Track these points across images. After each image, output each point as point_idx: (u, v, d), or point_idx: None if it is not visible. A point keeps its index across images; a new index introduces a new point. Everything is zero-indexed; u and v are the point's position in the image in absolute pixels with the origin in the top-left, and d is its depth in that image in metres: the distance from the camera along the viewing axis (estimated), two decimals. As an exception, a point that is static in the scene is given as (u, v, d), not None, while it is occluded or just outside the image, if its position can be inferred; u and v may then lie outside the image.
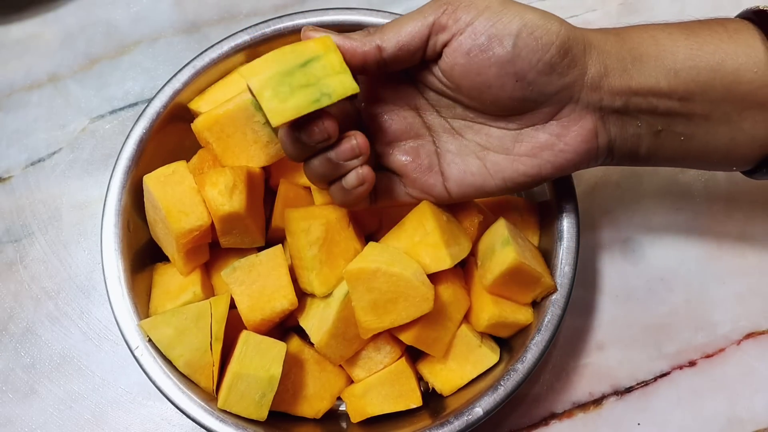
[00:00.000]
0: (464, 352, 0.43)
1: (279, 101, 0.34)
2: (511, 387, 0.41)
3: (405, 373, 0.43)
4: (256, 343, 0.40)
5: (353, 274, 0.39)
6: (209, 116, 0.43)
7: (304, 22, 0.48)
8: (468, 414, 0.41)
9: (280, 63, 0.34)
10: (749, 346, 0.50)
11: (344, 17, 0.48)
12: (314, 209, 0.42)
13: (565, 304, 0.43)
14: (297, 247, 0.41)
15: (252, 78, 0.34)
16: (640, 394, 0.49)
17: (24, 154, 0.54)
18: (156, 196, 0.42)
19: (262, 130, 0.43)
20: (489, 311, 0.42)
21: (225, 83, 0.48)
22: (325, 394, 0.44)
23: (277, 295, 0.41)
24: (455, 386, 0.43)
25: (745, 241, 0.52)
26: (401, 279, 0.38)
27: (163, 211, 0.41)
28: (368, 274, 0.39)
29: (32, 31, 0.58)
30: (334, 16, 0.48)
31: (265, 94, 0.34)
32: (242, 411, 0.40)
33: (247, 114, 0.42)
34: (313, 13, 0.48)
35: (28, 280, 0.51)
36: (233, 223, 0.42)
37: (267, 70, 0.34)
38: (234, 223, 0.42)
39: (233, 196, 0.41)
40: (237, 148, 0.43)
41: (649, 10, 0.58)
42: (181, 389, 0.41)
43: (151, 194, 0.42)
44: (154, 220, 0.44)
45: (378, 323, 0.40)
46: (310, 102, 0.34)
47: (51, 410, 0.48)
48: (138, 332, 0.42)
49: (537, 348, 0.42)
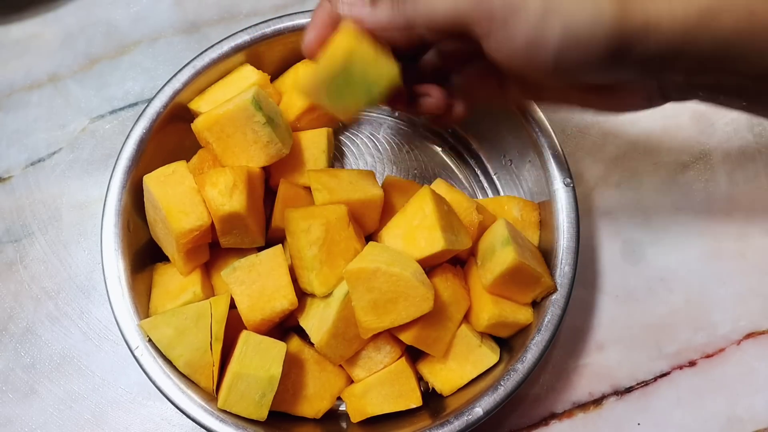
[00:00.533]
0: (464, 352, 0.43)
1: (338, 104, 0.37)
2: (511, 387, 0.41)
3: (405, 373, 0.43)
4: (256, 343, 0.40)
5: (353, 273, 0.39)
6: (209, 116, 0.43)
7: (304, 23, 0.48)
8: (468, 414, 0.41)
9: (322, 72, 0.36)
10: (749, 346, 0.50)
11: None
12: (314, 209, 0.42)
13: (565, 304, 0.43)
14: (297, 247, 0.41)
15: (308, 94, 0.38)
16: (640, 394, 0.49)
17: (24, 154, 0.54)
18: (156, 195, 0.42)
19: (262, 130, 0.43)
20: (489, 311, 0.42)
21: (225, 83, 0.48)
22: (325, 394, 0.44)
23: (277, 295, 0.41)
24: (455, 386, 0.43)
25: (745, 241, 0.52)
26: (401, 279, 0.38)
27: (164, 211, 0.41)
28: (368, 274, 0.39)
29: (32, 31, 0.58)
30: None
31: (325, 102, 0.37)
32: (242, 411, 0.40)
33: (247, 114, 0.42)
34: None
35: (28, 280, 0.51)
36: (233, 223, 0.42)
37: (315, 82, 0.37)
38: (234, 223, 0.42)
39: (233, 196, 0.41)
40: (237, 148, 0.43)
41: (649, 10, 0.58)
42: (181, 389, 0.41)
43: (151, 194, 0.42)
44: (154, 220, 0.44)
45: (378, 323, 0.40)
46: (363, 98, 0.37)
47: (51, 410, 0.48)
48: (138, 332, 0.42)
49: (537, 348, 0.42)
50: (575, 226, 0.44)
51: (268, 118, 0.42)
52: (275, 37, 0.48)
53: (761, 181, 0.53)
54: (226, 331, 0.41)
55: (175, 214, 0.41)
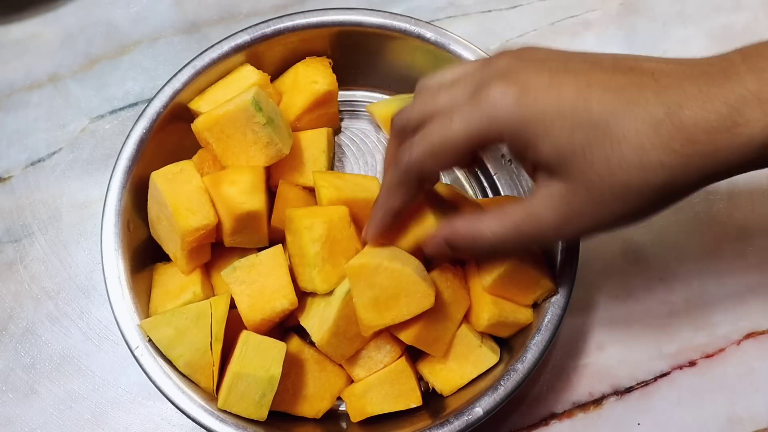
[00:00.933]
0: (464, 352, 0.43)
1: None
2: (511, 387, 0.41)
3: (405, 373, 0.43)
4: (256, 343, 0.40)
5: (355, 269, 0.39)
6: (209, 117, 0.43)
7: (304, 23, 0.48)
8: (468, 414, 0.41)
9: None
10: (749, 346, 0.50)
11: (344, 17, 0.48)
12: (316, 209, 0.42)
13: (565, 304, 0.43)
14: (299, 244, 0.41)
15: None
16: (640, 394, 0.49)
17: (24, 154, 0.54)
18: (164, 193, 0.42)
19: (262, 131, 0.43)
20: (489, 311, 0.42)
21: (225, 83, 0.48)
22: (325, 393, 0.44)
23: (277, 294, 0.41)
24: (455, 386, 0.43)
25: (745, 241, 0.52)
26: (403, 274, 0.38)
27: (170, 209, 0.41)
28: (370, 270, 0.39)
29: (32, 31, 0.58)
30: (334, 16, 0.48)
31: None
32: (242, 411, 0.40)
33: (247, 115, 0.42)
34: (313, 13, 0.48)
35: (28, 280, 0.51)
36: (248, 222, 0.42)
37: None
38: (249, 222, 0.42)
39: (254, 195, 0.41)
40: (237, 148, 0.43)
41: (649, 10, 0.58)
42: (181, 389, 0.41)
43: (159, 191, 0.42)
44: (157, 218, 0.44)
45: (379, 320, 0.40)
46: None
47: (51, 410, 0.48)
48: (138, 332, 0.42)
49: (537, 348, 0.42)
50: (575, 226, 0.44)
51: (268, 118, 0.42)
52: (275, 37, 0.48)
53: (761, 180, 0.53)
54: (226, 331, 0.41)
55: (182, 212, 0.41)
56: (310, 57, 0.50)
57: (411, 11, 0.57)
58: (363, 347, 0.43)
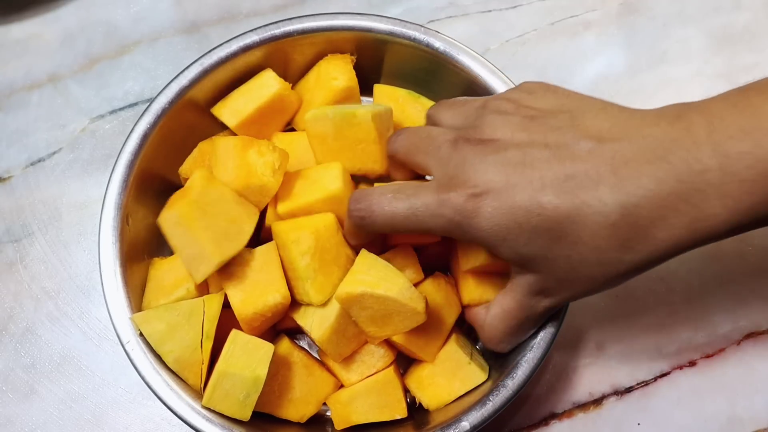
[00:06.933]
0: (453, 368, 0.43)
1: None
2: (500, 403, 0.40)
3: (392, 383, 0.43)
4: (244, 342, 0.40)
5: (343, 298, 0.39)
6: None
7: (314, 26, 0.47)
8: (454, 428, 0.40)
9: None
10: (749, 346, 0.50)
11: (351, 22, 0.48)
12: (300, 220, 0.42)
13: (558, 324, 0.41)
14: (289, 258, 0.41)
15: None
16: (640, 394, 0.49)
17: (24, 154, 0.54)
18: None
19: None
20: (480, 256, 0.41)
21: (247, 90, 0.47)
22: (312, 398, 0.43)
23: (270, 288, 0.41)
24: (442, 402, 0.43)
25: (745, 241, 0.52)
26: (388, 300, 0.38)
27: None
28: (356, 297, 0.39)
29: (32, 31, 0.58)
30: (344, 21, 0.48)
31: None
32: (226, 410, 0.39)
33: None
34: (322, 16, 0.47)
35: (28, 280, 0.51)
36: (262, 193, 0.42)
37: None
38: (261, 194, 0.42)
39: (275, 176, 0.41)
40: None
41: (649, 10, 0.58)
42: (170, 386, 0.40)
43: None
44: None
45: (382, 332, 0.40)
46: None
47: (51, 410, 0.48)
48: (130, 326, 0.41)
49: (528, 365, 0.41)
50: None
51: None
52: (284, 38, 0.47)
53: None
54: (218, 331, 0.41)
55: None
56: (332, 54, 0.49)
57: (410, 11, 0.57)
58: (358, 350, 0.43)
